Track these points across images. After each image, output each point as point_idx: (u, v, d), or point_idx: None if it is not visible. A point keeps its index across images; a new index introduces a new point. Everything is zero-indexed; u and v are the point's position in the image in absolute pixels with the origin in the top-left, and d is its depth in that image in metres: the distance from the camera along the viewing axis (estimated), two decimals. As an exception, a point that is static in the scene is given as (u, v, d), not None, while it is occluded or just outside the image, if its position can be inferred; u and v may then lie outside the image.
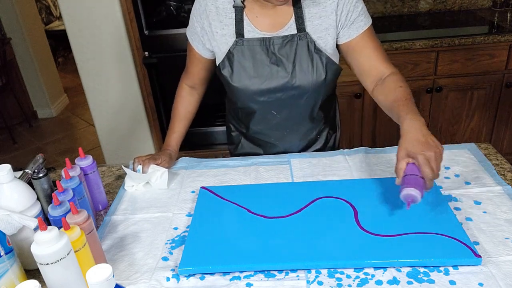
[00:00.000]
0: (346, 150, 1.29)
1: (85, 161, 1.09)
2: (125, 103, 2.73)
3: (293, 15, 1.14)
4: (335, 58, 1.21)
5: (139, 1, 2.46)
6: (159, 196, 1.17)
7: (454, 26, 2.51)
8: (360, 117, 2.43)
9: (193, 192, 1.18)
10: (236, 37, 1.16)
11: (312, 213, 1.02)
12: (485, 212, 1.00)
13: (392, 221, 0.97)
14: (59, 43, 5.39)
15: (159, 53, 2.44)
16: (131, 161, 1.24)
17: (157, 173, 1.19)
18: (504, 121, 2.44)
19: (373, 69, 1.17)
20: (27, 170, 1.02)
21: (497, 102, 2.38)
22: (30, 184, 0.99)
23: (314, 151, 1.36)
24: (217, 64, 1.23)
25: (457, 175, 1.14)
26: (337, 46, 1.20)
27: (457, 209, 1.02)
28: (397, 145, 1.26)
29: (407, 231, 0.93)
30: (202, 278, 0.89)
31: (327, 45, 1.16)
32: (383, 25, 2.59)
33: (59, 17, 5.60)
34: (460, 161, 1.20)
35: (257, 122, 1.29)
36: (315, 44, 1.15)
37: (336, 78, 1.24)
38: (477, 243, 0.91)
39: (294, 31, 1.15)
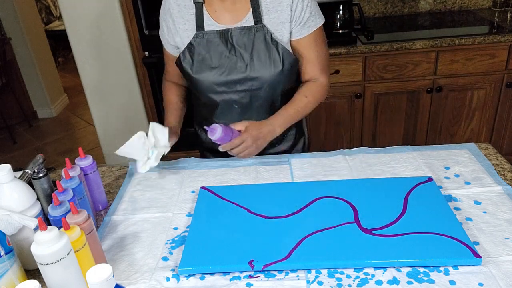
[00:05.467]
0: (346, 150, 1.29)
1: (85, 161, 1.09)
2: (125, 103, 2.74)
3: (251, 9, 1.18)
4: (291, 49, 1.23)
5: (139, 1, 2.46)
6: (159, 196, 1.17)
7: (454, 26, 2.51)
8: (361, 117, 2.43)
9: (193, 192, 1.18)
10: (197, 30, 1.21)
11: (312, 213, 1.02)
12: (485, 212, 1.00)
13: (392, 221, 0.97)
14: (59, 43, 5.38)
15: (159, 53, 2.42)
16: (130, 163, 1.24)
17: (153, 131, 1.15)
18: (504, 121, 2.44)
19: (310, 71, 1.27)
20: (27, 170, 1.02)
21: (497, 102, 2.38)
22: (30, 184, 0.99)
23: (280, 152, 1.36)
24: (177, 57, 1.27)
25: (457, 175, 1.14)
26: None
27: (457, 209, 1.02)
28: (397, 145, 1.29)
29: (407, 231, 0.93)
30: (202, 278, 0.89)
31: (283, 37, 1.20)
32: (384, 25, 2.59)
33: (59, 17, 5.60)
34: (460, 161, 1.20)
35: (220, 115, 1.30)
36: (271, 35, 1.18)
37: (294, 70, 1.25)
38: (477, 243, 0.91)
39: (252, 23, 1.19)
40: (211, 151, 1.41)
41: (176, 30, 1.24)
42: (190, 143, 1.57)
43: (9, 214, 0.87)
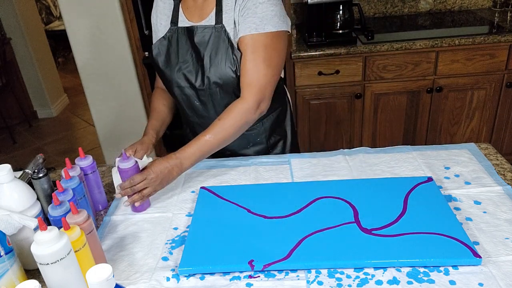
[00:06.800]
0: (346, 150, 1.29)
1: (85, 161, 1.09)
2: (125, 103, 2.73)
3: (215, 8, 1.19)
4: None
5: (139, 1, 2.46)
6: (159, 196, 1.17)
7: (454, 26, 2.50)
8: (361, 117, 2.43)
9: (193, 192, 1.18)
10: (171, 26, 1.24)
11: (312, 213, 1.02)
12: (485, 212, 1.00)
13: (392, 221, 0.97)
14: (59, 43, 5.38)
15: (159, 53, 2.43)
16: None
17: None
18: (504, 121, 2.44)
19: (242, 78, 1.17)
20: (27, 170, 1.02)
21: (497, 102, 2.38)
22: (30, 184, 0.99)
23: (254, 153, 1.35)
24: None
25: (457, 175, 1.14)
26: None
27: (457, 209, 1.02)
28: (397, 145, 1.29)
29: (407, 231, 0.93)
30: (202, 278, 0.89)
31: (236, 37, 1.18)
32: (384, 25, 2.59)
33: (59, 17, 5.60)
34: (460, 161, 1.20)
35: (188, 113, 1.31)
36: (228, 36, 1.18)
37: None
38: (477, 243, 0.91)
39: (213, 23, 1.19)
40: None
41: (157, 27, 1.29)
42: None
43: (9, 214, 0.87)
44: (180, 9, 1.24)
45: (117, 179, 1.18)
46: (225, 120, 1.15)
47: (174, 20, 1.24)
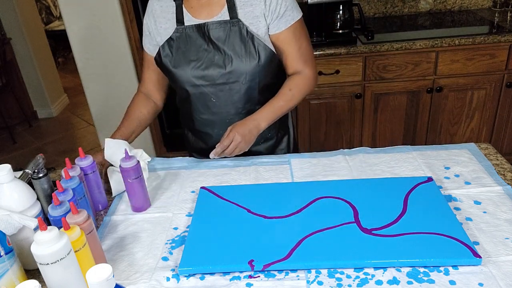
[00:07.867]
0: (346, 150, 1.29)
1: (85, 161, 1.09)
2: (125, 103, 2.72)
3: (226, 4, 1.20)
4: (269, 44, 1.24)
5: (139, 1, 2.47)
6: (159, 196, 1.17)
7: (454, 26, 2.50)
8: (361, 117, 2.43)
9: (193, 192, 1.18)
10: (177, 25, 1.24)
11: (312, 213, 1.02)
12: (485, 212, 1.00)
13: (392, 221, 0.97)
14: (59, 43, 5.39)
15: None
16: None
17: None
18: (504, 121, 2.44)
19: (294, 64, 1.28)
20: (27, 170, 1.02)
21: (497, 102, 2.38)
22: (30, 184, 0.99)
23: (265, 149, 1.37)
24: (157, 52, 1.28)
25: (457, 175, 1.14)
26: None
27: (457, 209, 1.02)
28: (397, 145, 1.29)
29: (407, 231, 0.93)
30: (202, 278, 0.89)
31: (259, 30, 1.21)
32: (384, 25, 2.59)
33: (59, 17, 5.60)
34: (460, 161, 1.20)
35: (200, 110, 1.31)
36: (247, 29, 1.20)
37: (271, 64, 1.24)
38: (477, 243, 0.91)
39: (228, 18, 1.21)
40: (199, 152, 1.41)
41: (157, 30, 1.27)
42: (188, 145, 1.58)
43: (9, 214, 0.87)
44: (185, 10, 1.23)
45: (115, 179, 1.18)
46: (295, 90, 1.27)
47: (180, 20, 1.23)
